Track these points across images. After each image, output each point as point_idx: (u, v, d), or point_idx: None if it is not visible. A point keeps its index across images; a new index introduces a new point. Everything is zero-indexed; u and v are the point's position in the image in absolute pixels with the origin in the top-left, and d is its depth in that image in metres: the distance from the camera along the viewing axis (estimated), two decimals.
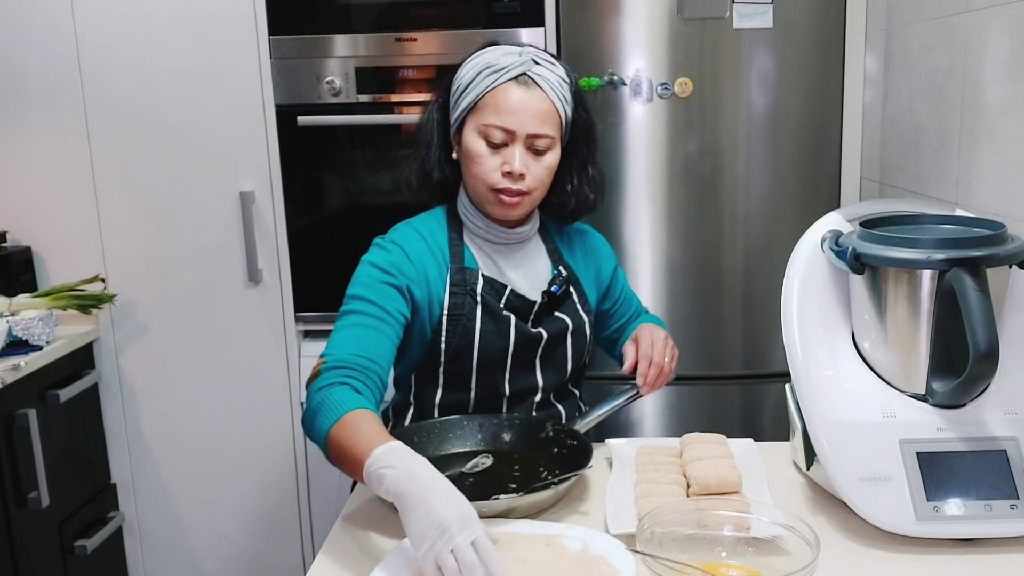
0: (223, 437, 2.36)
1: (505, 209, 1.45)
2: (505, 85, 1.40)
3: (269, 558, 2.42)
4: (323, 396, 1.27)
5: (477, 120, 1.42)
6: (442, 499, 1.05)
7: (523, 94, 1.40)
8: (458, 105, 1.45)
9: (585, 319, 1.55)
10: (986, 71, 1.60)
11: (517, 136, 1.41)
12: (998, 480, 1.16)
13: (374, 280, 1.42)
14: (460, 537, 1.01)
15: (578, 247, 1.62)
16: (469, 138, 1.43)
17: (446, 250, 1.48)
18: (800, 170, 2.23)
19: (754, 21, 2.14)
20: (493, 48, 1.45)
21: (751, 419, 2.33)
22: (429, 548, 1.01)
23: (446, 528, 1.01)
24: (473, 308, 1.45)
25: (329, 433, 1.22)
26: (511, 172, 1.41)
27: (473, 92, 1.42)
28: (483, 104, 1.41)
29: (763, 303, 2.25)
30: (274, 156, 2.24)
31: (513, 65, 1.40)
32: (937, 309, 1.19)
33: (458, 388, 1.50)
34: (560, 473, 1.30)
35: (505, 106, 1.40)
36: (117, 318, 2.32)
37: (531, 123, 1.41)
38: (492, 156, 1.42)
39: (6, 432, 1.98)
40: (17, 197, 2.27)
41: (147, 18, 2.18)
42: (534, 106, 1.41)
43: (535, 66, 1.42)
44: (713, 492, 1.23)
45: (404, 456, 1.12)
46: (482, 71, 1.41)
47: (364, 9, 2.20)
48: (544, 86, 1.42)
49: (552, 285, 1.51)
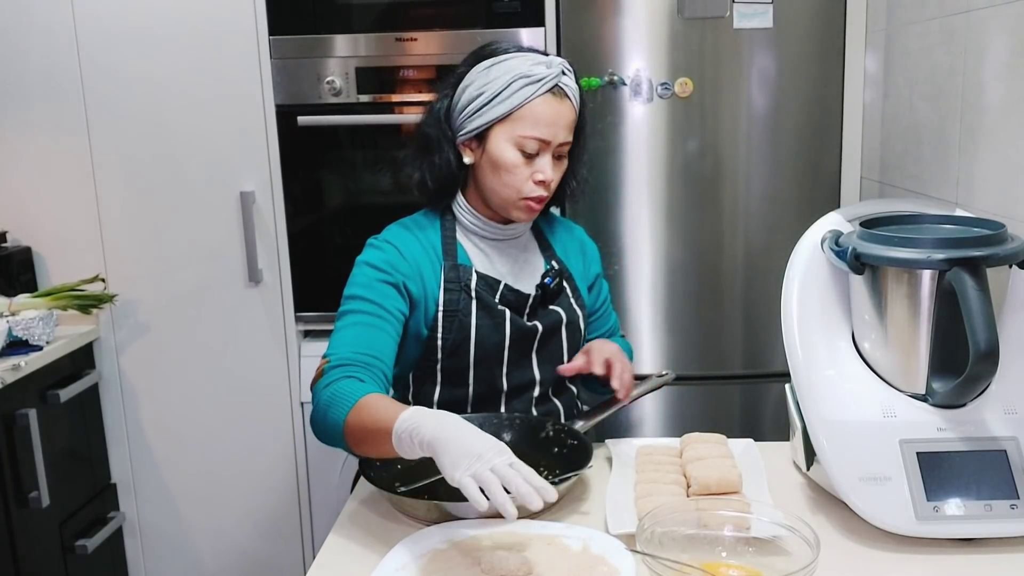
0: (223, 437, 2.36)
1: (529, 214, 1.48)
2: (543, 97, 1.41)
3: (269, 558, 2.42)
4: (331, 391, 1.29)
5: (512, 131, 1.42)
6: (474, 435, 1.12)
7: (558, 106, 1.42)
8: (482, 113, 1.43)
9: (579, 312, 1.57)
10: (986, 71, 1.60)
11: (551, 146, 1.43)
12: (998, 480, 1.16)
13: (371, 279, 1.44)
14: (498, 459, 1.09)
15: (569, 244, 1.64)
16: (500, 147, 1.43)
17: (439, 247, 1.50)
18: (800, 170, 2.23)
19: (754, 21, 2.14)
20: (515, 55, 1.45)
21: (751, 419, 2.33)
22: (467, 468, 1.07)
23: (482, 454, 1.09)
24: (468, 304, 1.47)
25: (346, 421, 1.25)
26: (543, 180, 1.44)
27: (507, 103, 1.41)
28: (519, 115, 1.41)
29: (763, 303, 2.26)
30: (274, 156, 2.24)
31: (549, 77, 1.41)
32: (937, 309, 1.19)
33: (456, 384, 1.51)
34: (560, 473, 1.30)
35: (544, 118, 1.41)
36: (117, 318, 2.32)
37: (563, 133, 1.44)
38: (525, 166, 1.44)
39: (6, 432, 1.98)
40: (17, 197, 2.28)
41: (147, 18, 2.18)
42: (567, 117, 1.44)
43: (563, 76, 1.43)
44: (713, 492, 1.23)
45: (430, 412, 1.18)
46: (514, 80, 1.41)
47: (364, 9, 2.20)
48: (571, 96, 1.45)
49: (545, 278, 1.53)
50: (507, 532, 1.15)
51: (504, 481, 1.07)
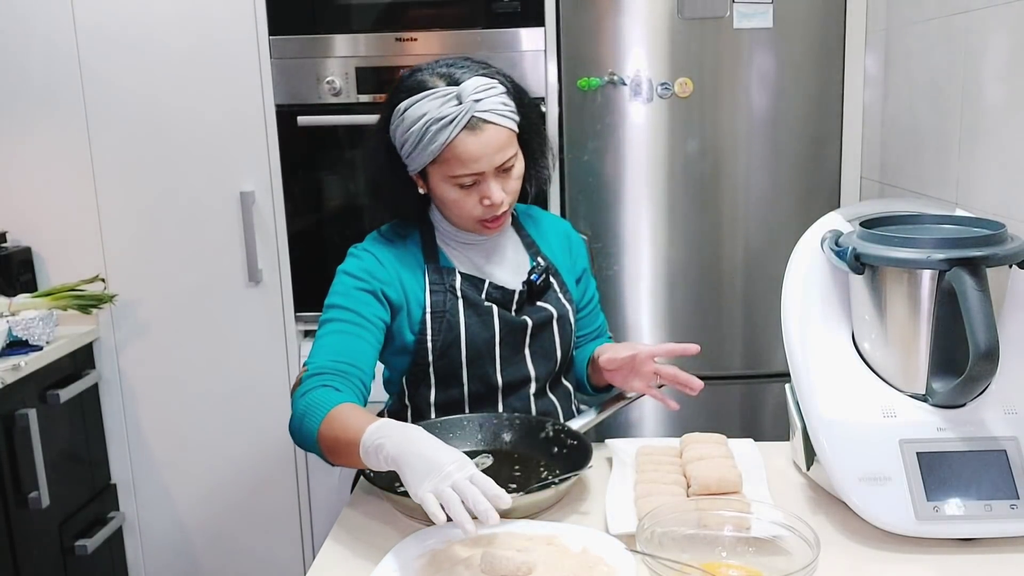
0: (223, 437, 2.36)
1: (491, 232, 1.48)
2: (460, 137, 1.36)
3: (269, 557, 2.42)
4: (307, 401, 1.30)
5: (442, 171, 1.40)
6: (437, 450, 1.12)
7: (480, 138, 1.37)
8: (412, 160, 1.41)
9: (568, 307, 1.56)
10: (986, 71, 1.60)
11: (487, 175, 1.40)
12: (998, 480, 1.16)
13: (348, 288, 1.45)
14: (458, 475, 1.07)
15: (554, 239, 1.62)
16: (439, 187, 1.43)
17: (419, 253, 1.50)
18: (800, 170, 2.23)
19: (754, 21, 2.14)
20: (423, 96, 1.37)
21: (751, 419, 2.33)
22: (428, 485, 1.07)
23: (442, 467, 1.08)
24: (455, 303, 1.47)
25: (319, 431, 1.26)
26: (491, 204, 1.42)
27: (429, 151, 1.38)
28: (443, 158, 1.38)
29: (763, 303, 2.26)
30: (274, 156, 2.24)
31: (460, 115, 1.35)
32: (937, 309, 1.19)
33: (451, 384, 1.50)
34: (560, 473, 1.30)
35: (468, 155, 1.37)
36: (117, 318, 2.32)
37: (496, 158, 1.39)
38: (468, 196, 1.42)
39: (6, 432, 1.98)
40: (17, 197, 2.28)
41: (147, 19, 2.18)
42: (494, 144, 1.38)
43: (477, 105, 1.36)
44: (713, 492, 1.23)
45: (396, 426, 1.17)
46: (428, 127, 1.36)
47: (364, 9, 2.20)
48: (494, 119, 1.37)
49: (532, 274, 1.52)
50: (507, 532, 1.15)
51: (463, 496, 1.06)
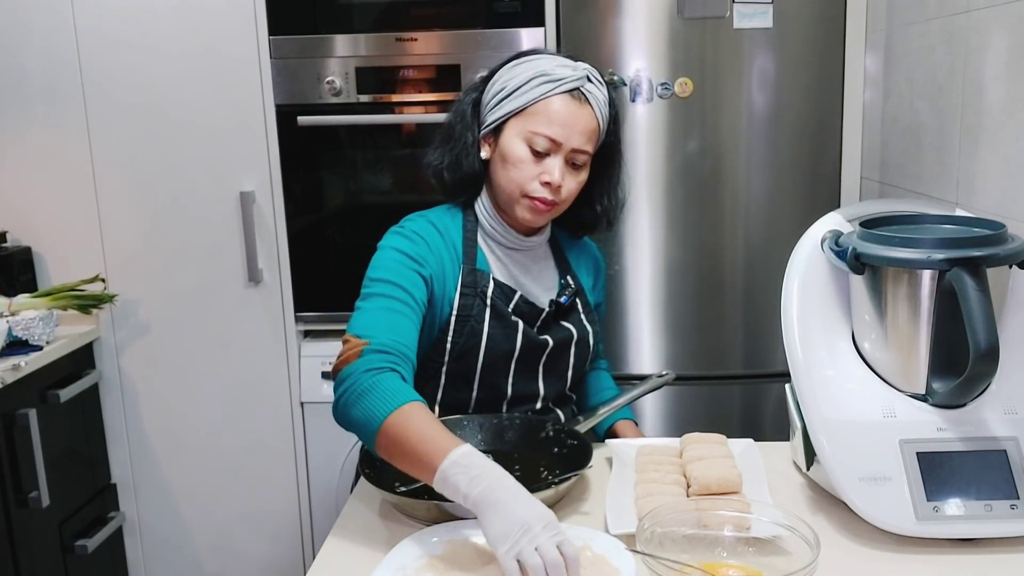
0: (223, 437, 2.36)
1: (535, 215, 1.45)
2: (559, 96, 1.41)
3: (269, 558, 2.42)
4: (374, 381, 1.24)
5: (524, 125, 1.42)
6: (522, 502, 1.06)
7: (575, 108, 1.41)
8: (501, 106, 1.44)
9: (589, 329, 1.56)
10: (986, 71, 1.60)
11: (562, 148, 1.41)
12: (998, 480, 1.16)
13: (401, 265, 1.41)
14: (544, 536, 1.02)
15: (583, 261, 1.64)
16: (510, 141, 1.43)
17: (459, 249, 1.48)
18: (800, 170, 2.23)
19: (754, 21, 2.14)
20: (545, 56, 1.45)
21: (751, 419, 2.33)
22: (512, 546, 1.02)
23: (529, 527, 1.02)
24: (482, 310, 1.45)
25: (386, 422, 1.19)
26: (549, 183, 1.42)
27: (524, 97, 1.41)
28: (533, 111, 1.41)
29: (763, 303, 2.26)
30: (274, 156, 2.24)
31: (569, 78, 1.41)
32: (937, 309, 1.19)
33: (459, 388, 1.50)
34: (560, 473, 1.30)
35: (557, 117, 1.40)
36: (117, 318, 2.32)
37: (577, 138, 1.42)
38: (533, 163, 1.42)
39: (6, 432, 1.98)
40: (17, 197, 2.28)
41: (147, 18, 2.18)
42: (583, 122, 1.42)
43: (588, 83, 1.43)
44: (713, 492, 1.23)
45: (480, 461, 1.12)
46: (535, 77, 1.41)
47: (364, 9, 2.20)
48: (594, 104, 1.43)
49: (561, 296, 1.52)
50: None
51: (549, 566, 1.00)
